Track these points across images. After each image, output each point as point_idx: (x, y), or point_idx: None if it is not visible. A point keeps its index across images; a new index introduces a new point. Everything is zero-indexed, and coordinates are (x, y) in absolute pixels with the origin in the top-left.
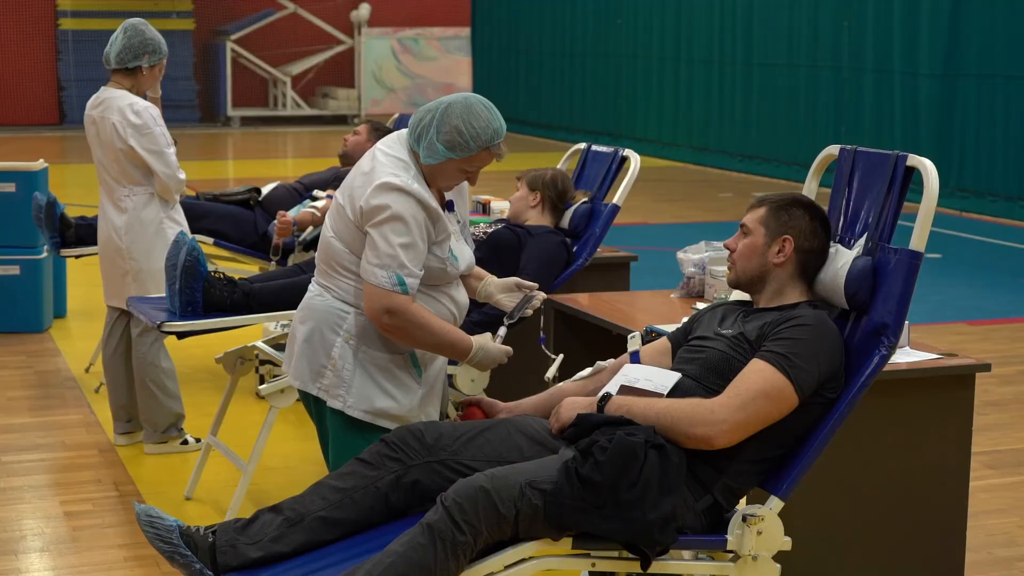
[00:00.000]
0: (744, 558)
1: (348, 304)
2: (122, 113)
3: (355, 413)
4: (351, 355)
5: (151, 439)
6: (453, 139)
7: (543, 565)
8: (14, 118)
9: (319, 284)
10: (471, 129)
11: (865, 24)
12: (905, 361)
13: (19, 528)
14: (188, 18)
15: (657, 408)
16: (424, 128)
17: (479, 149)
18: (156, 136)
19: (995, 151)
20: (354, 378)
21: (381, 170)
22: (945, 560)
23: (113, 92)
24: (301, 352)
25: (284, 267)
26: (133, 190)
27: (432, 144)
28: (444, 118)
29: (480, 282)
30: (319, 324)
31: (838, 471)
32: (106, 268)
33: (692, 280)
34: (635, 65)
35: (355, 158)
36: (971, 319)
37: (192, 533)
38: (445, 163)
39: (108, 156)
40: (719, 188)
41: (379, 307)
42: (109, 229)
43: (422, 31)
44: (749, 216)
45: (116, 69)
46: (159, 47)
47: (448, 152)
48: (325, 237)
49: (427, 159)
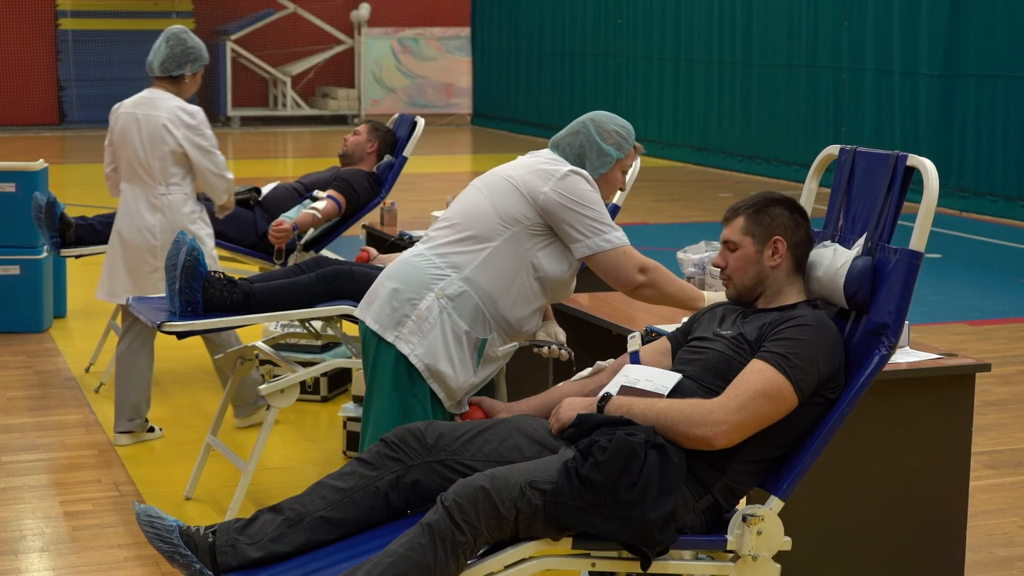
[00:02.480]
0: (744, 558)
1: (452, 268)
2: (173, 113)
3: (417, 363)
4: (437, 311)
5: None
6: (617, 140)
7: (543, 565)
8: (14, 118)
9: (426, 250)
10: (624, 128)
11: (865, 24)
12: (905, 361)
13: (19, 528)
14: (188, 18)
15: (657, 408)
16: (583, 145)
17: (630, 146)
18: (209, 137)
19: (995, 151)
20: (432, 332)
21: (564, 164)
22: (945, 560)
23: (160, 94)
24: (387, 299)
25: (284, 267)
26: (171, 189)
27: (602, 151)
28: (598, 128)
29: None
30: (412, 280)
31: (838, 471)
32: (131, 265)
33: (692, 280)
34: (635, 65)
35: (355, 158)
36: (971, 319)
37: (192, 533)
38: (611, 169)
39: (152, 154)
40: (719, 188)
41: (632, 266)
42: (140, 227)
43: (422, 31)
44: (728, 231)
45: (160, 77)
46: (200, 54)
47: (618, 153)
48: (470, 204)
49: (599, 169)
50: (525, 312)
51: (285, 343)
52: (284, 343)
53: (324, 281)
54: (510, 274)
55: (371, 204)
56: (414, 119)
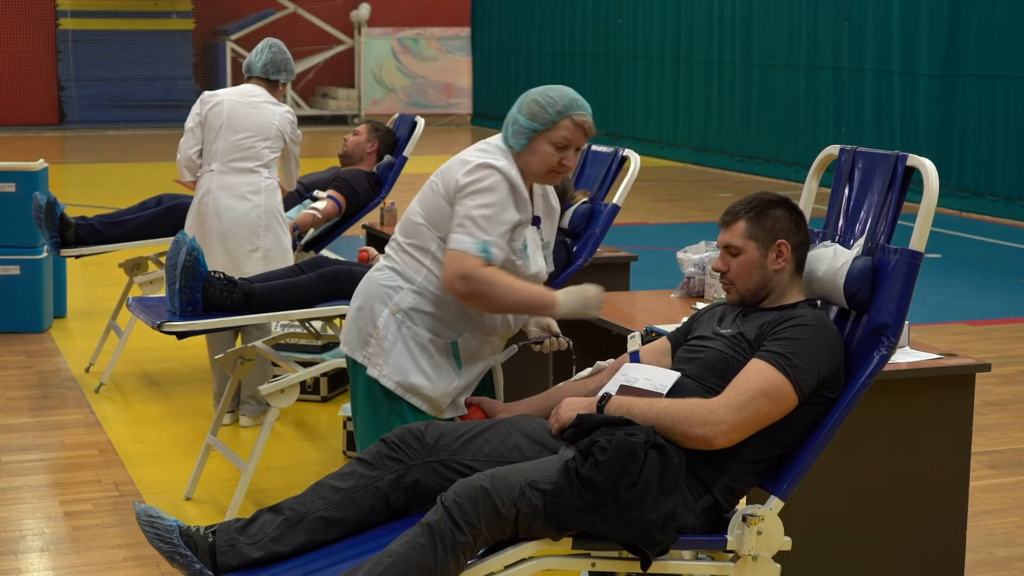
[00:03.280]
0: (744, 558)
1: (404, 280)
2: (284, 110)
3: (388, 384)
4: (395, 327)
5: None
6: (532, 110)
7: (543, 565)
8: (14, 118)
9: (386, 261)
10: (547, 99)
11: (865, 24)
12: (905, 361)
13: (19, 528)
14: (188, 18)
15: (656, 408)
16: (509, 116)
17: (559, 116)
18: (299, 134)
19: (995, 151)
20: (394, 349)
21: (476, 153)
22: (945, 560)
23: (260, 90)
24: (352, 320)
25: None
26: (272, 174)
27: (516, 123)
28: (522, 100)
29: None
30: (371, 295)
31: (838, 471)
32: (230, 245)
33: (692, 280)
34: (635, 65)
35: (355, 158)
36: (971, 319)
37: (192, 533)
38: (534, 142)
39: (261, 142)
40: (719, 188)
41: (454, 273)
42: (244, 209)
43: (422, 31)
44: (729, 234)
45: (259, 77)
46: (293, 68)
47: (531, 123)
48: (407, 215)
49: (517, 143)
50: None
51: (285, 343)
52: (284, 343)
53: (324, 281)
54: None
55: (371, 204)
56: (414, 119)
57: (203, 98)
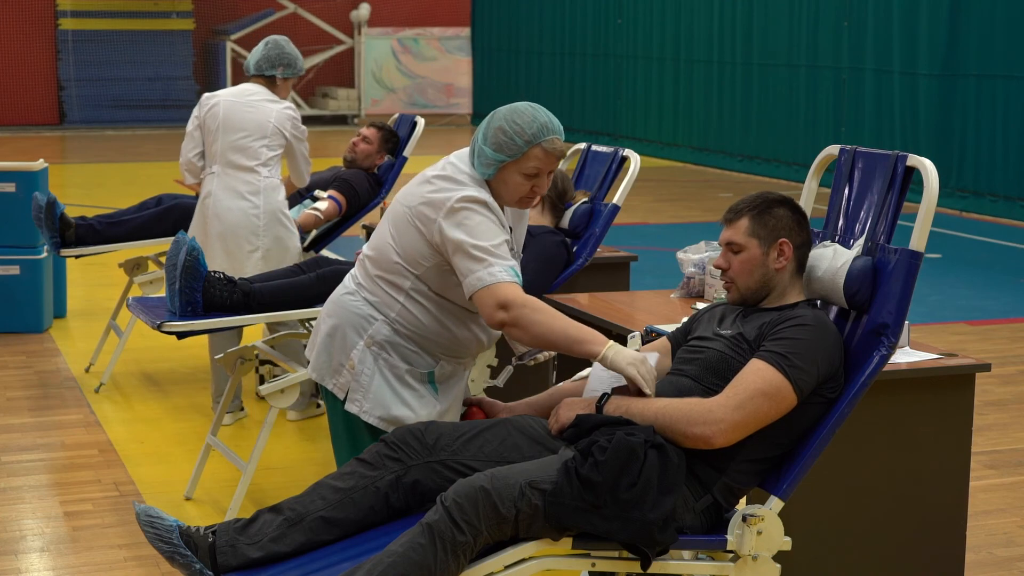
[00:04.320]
0: (744, 558)
1: (378, 312)
2: (283, 106)
3: (371, 419)
4: (371, 360)
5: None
6: (499, 140)
7: (543, 565)
8: (14, 118)
9: (356, 283)
10: (514, 126)
11: (865, 24)
12: (905, 361)
13: (19, 528)
14: (188, 18)
15: (655, 407)
16: (474, 142)
17: (527, 145)
18: (304, 130)
19: (995, 151)
20: (372, 383)
21: (449, 185)
22: (945, 560)
23: (258, 88)
24: (323, 345)
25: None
26: (273, 173)
27: (482, 153)
28: (487, 126)
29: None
30: (344, 323)
31: (838, 471)
32: (231, 246)
33: (692, 280)
34: (635, 65)
35: (363, 167)
36: (971, 319)
37: (192, 533)
38: (503, 172)
39: (259, 141)
40: (719, 188)
41: (493, 305)
42: (243, 209)
43: (422, 31)
44: (731, 232)
45: (256, 75)
46: (294, 62)
47: (496, 154)
48: (381, 239)
49: (484, 172)
50: (465, 334)
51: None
52: (284, 343)
53: (324, 281)
54: (433, 310)
55: (371, 204)
56: (414, 119)
57: (202, 101)
